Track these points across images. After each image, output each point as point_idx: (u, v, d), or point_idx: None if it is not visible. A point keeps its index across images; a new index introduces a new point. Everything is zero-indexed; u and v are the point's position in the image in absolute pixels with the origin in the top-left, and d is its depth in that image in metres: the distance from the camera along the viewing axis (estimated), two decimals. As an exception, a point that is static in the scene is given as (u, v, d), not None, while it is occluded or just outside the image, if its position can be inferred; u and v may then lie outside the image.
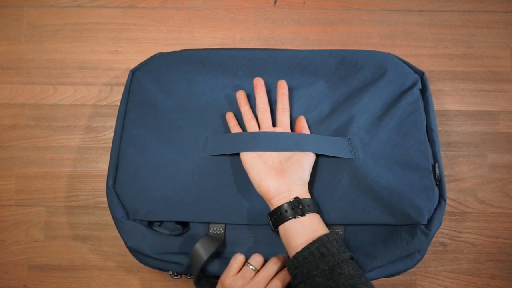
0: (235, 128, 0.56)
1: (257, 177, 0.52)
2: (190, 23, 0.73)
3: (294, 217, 0.49)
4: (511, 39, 0.71)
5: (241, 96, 0.57)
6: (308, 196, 0.52)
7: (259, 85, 0.57)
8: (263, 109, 0.56)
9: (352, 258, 0.48)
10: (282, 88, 0.57)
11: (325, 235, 0.48)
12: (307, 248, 0.47)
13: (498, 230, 0.66)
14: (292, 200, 0.50)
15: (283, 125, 0.56)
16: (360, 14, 0.73)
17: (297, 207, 0.50)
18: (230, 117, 0.57)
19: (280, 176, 0.51)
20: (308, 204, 0.50)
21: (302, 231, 0.49)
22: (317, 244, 0.47)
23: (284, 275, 0.51)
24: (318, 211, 0.51)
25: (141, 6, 0.73)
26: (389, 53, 0.61)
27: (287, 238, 0.49)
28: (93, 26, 0.73)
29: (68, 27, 0.73)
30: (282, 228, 0.50)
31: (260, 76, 0.60)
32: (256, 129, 0.56)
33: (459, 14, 0.72)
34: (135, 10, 0.73)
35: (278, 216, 0.50)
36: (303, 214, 0.49)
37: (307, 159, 0.53)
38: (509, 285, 0.65)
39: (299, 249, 0.48)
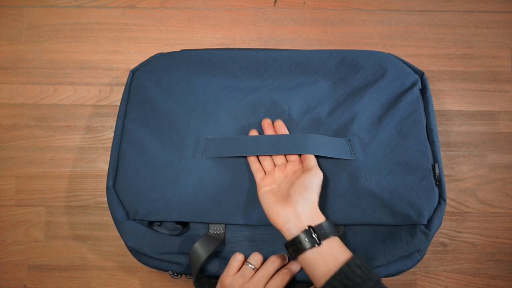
0: (253, 163, 0.56)
1: (267, 209, 0.51)
2: (190, 23, 0.73)
3: (311, 248, 0.47)
4: (511, 39, 0.71)
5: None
6: (320, 219, 0.49)
7: (268, 126, 0.57)
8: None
9: (378, 281, 0.45)
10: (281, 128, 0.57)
11: (346, 264, 0.45)
12: (329, 283, 0.44)
13: (498, 230, 0.66)
14: (305, 229, 0.48)
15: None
16: (360, 14, 0.73)
17: (311, 236, 0.47)
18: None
19: (285, 203, 0.50)
20: (323, 230, 0.48)
21: (322, 261, 0.46)
22: (339, 277, 0.44)
23: (284, 273, 0.51)
24: (335, 233, 0.48)
25: (141, 6, 0.73)
26: (389, 53, 0.61)
27: (308, 269, 0.47)
28: (93, 26, 0.73)
29: (68, 27, 0.73)
30: (301, 258, 0.48)
31: (260, 76, 0.60)
32: (271, 167, 0.56)
33: (459, 14, 0.72)
34: (135, 10, 0.73)
35: (294, 248, 0.48)
36: (319, 243, 0.47)
37: (311, 179, 0.51)
38: (509, 285, 0.65)
39: (321, 282, 0.45)
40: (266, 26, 0.73)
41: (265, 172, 0.55)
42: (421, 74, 0.60)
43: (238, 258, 0.51)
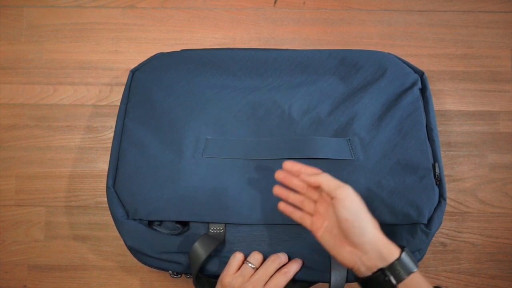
0: (294, 213, 0.49)
1: (331, 252, 0.45)
2: (190, 23, 0.73)
3: None
4: (511, 39, 0.71)
5: (279, 192, 0.51)
6: (392, 254, 0.42)
7: (284, 177, 0.50)
8: (303, 189, 0.49)
9: None
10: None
11: None
12: None
13: (498, 230, 0.66)
14: (376, 272, 0.42)
15: None
16: (360, 14, 0.73)
17: (385, 280, 0.41)
18: (283, 207, 0.50)
19: (345, 243, 0.44)
20: (397, 271, 0.41)
21: None
22: None
23: (284, 273, 0.51)
24: (413, 267, 0.42)
25: (141, 6, 0.73)
26: (389, 53, 0.61)
27: None
28: (93, 26, 0.73)
29: (68, 27, 0.73)
30: None
31: (260, 76, 0.60)
32: (312, 206, 0.48)
33: (459, 14, 0.72)
34: (135, 10, 0.73)
35: (371, 285, 0.43)
36: (395, 286, 0.41)
37: (344, 209, 0.43)
38: (509, 285, 0.65)
39: None
40: (266, 26, 0.73)
41: (311, 214, 0.49)
42: (421, 74, 0.60)
43: (238, 257, 0.51)
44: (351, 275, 0.51)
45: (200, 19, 0.73)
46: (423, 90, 0.59)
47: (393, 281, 0.41)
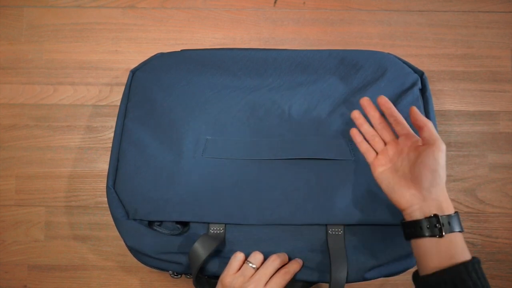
0: (362, 144, 0.52)
1: (387, 189, 0.48)
2: (190, 23, 0.73)
3: (429, 236, 0.44)
4: (511, 39, 0.71)
5: (357, 116, 0.53)
6: (449, 209, 0.45)
7: (368, 104, 0.52)
8: (379, 125, 0.52)
9: None
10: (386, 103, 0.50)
11: (463, 264, 0.42)
12: (440, 276, 0.42)
13: (498, 230, 0.66)
14: (430, 216, 0.44)
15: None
16: (360, 14, 0.73)
17: (435, 226, 0.44)
18: (355, 133, 0.53)
19: (410, 184, 0.46)
20: (448, 222, 0.44)
21: (437, 254, 0.43)
22: (451, 275, 0.42)
23: (284, 273, 0.51)
24: (460, 228, 0.44)
25: (141, 6, 0.73)
26: (388, 53, 0.61)
27: (419, 254, 0.45)
28: (93, 26, 0.73)
29: (68, 27, 0.73)
30: (415, 242, 0.46)
31: (260, 76, 0.60)
32: (381, 145, 0.51)
33: (459, 14, 0.72)
34: (135, 10, 0.73)
35: (412, 230, 0.45)
36: (440, 235, 0.43)
37: (436, 157, 0.44)
38: (509, 285, 0.65)
39: (429, 270, 0.43)
40: (266, 26, 0.73)
41: (376, 152, 0.51)
42: (421, 74, 0.60)
43: (238, 257, 0.51)
44: (351, 275, 0.51)
45: (200, 19, 0.73)
46: (423, 90, 0.59)
47: (443, 229, 0.43)
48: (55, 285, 0.66)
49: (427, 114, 0.58)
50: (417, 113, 0.46)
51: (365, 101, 0.52)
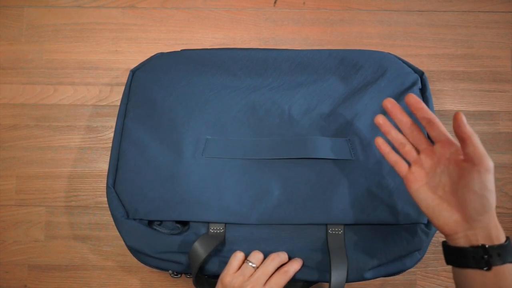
0: (390, 154, 0.46)
1: (426, 211, 0.42)
2: (190, 23, 0.73)
3: (475, 268, 0.39)
4: (511, 39, 0.71)
5: (382, 122, 0.46)
6: (499, 238, 0.39)
7: (393, 107, 0.45)
8: (410, 130, 0.45)
9: None
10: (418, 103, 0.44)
11: None
12: None
13: (498, 230, 0.66)
14: (477, 246, 0.39)
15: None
16: (360, 14, 0.73)
17: (481, 258, 0.39)
18: (381, 144, 0.47)
19: (453, 208, 0.40)
20: (498, 254, 0.38)
21: (482, 287, 0.39)
22: None
23: (284, 272, 0.51)
24: None
25: (141, 6, 0.73)
26: (388, 53, 0.61)
27: (460, 284, 0.42)
28: (93, 26, 0.73)
29: (68, 27, 0.73)
30: (457, 270, 0.41)
31: (260, 76, 0.60)
32: (414, 154, 0.45)
33: (459, 14, 0.72)
34: (135, 10, 0.73)
35: (454, 257, 0.41)
36: (489, 268, 0.38)
37: (484, 181, 0.38)
38: (509, 285, 0.65)
39: None
40: (266, 26, 0.73)
41: (408, 163, 0.45)
42: (420, 74, 0.60)
43: (238, 256, 0.51)
44: (351, 275, 0.51)
45: (200, 19, 0.73)
46: (423, 90, 0.59)
47: (491, 261, 0.38)
48: (55, 285, 0.66)
49: (427, 114, 0.58)
50: (463, 121, 0.39)
51: (389, 103, 0.45)
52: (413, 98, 0.43)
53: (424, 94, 0.59)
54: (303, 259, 0.53)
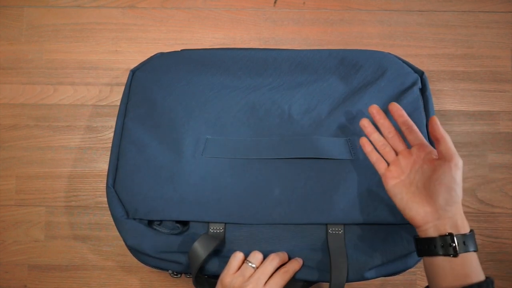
0: (372, 153, 0.51)
1: (400, 204, 0.47)
2: (190, 23, 0.73)
3: (443, 255, 0.43)
4: (511, 39, 0.71)
5: (366, 124, 0.52)
6: (464, 228, 0.44)
7: (377, 113, 0.51)
8: (390, 134, 0.51)
9: None
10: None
11: (477, 285, 0.41)
12: None
13: (498, 230, 0.66)
14: (445, 235, 0.43)
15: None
16: (360, 14, 0.73)
17: (449, 245, 0.43)
18: (364, 143, 0.52)
19: (425, 201, 0.45)
20: (464, 242, 0.43)
21: (450, 273, 0.43)
22: None
23: (284, 272, 0.51)
24: (475, 248, 0.43)
25: (141, 6, 0.73)
26: (388, 53, 0.61)
27: (431, 273, 0.45)
28: (93, 26, 0.73)
29: (68, 27, 0.73)
30: (427, 260, 0.45)
31: (260, 76, 0.60)
32: (393, 155, 0.50)
33: (459, 14, 0.72)
34: (135, 10, 0.73)
35: (425, 247, 0.45)
36: (455, 255, 0.42)
37: (453, 175, 0.43)
38: (509, 285, 0.65)
39: None
40: (266, 26, 0.73)
41: (387, 162, 0.50)
42: (420, 74, 0.60)
43: (238, 256, 0.51)
44: (351, 274, 0.51)
45: (200, 19, 0.73)
46: (423, 90, 0.59)
47: (458, 249, 0.42)
48: (55, 285, 0.66)
49: (427, 114, 0.58)
50: (437, 124, 0.44)
51: (374, 109, 0.51)
52: (395, 106, 0.49)
53: (424, 94, 0.59)
54: (303, 259, 0.53)
